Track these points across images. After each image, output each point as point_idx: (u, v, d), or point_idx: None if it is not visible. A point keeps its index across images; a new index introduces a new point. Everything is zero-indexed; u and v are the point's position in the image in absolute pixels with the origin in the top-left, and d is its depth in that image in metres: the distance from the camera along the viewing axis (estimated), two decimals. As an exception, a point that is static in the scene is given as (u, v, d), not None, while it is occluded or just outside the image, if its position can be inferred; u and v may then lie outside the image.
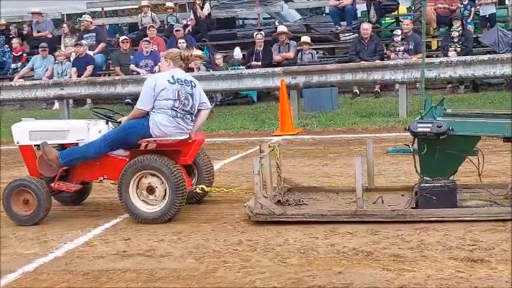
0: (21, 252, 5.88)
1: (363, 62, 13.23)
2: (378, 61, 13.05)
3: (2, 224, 6.76)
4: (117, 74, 15.07)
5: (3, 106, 16.65)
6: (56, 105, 15.35)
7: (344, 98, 14.14)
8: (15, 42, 17.51)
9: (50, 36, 17.74)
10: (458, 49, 13.70)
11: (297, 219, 6.02)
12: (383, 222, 5.84)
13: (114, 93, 13.36)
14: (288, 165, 8.65)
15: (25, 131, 6.98)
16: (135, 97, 14.34)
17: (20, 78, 15.88)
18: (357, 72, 12.03)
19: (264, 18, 18.24)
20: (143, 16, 17.31)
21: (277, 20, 17.47)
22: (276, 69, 12.52)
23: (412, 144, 6.10)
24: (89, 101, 15.66)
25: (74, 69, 15.36)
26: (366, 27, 14.37)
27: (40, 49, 16.27)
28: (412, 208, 5.99)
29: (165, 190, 6.38)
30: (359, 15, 17.15)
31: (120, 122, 6.80)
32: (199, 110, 6.73)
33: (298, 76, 12.07)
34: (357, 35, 15.10)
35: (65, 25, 17.44)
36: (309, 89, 12.67)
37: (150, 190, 6.46)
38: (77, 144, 6.89)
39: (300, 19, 18.21)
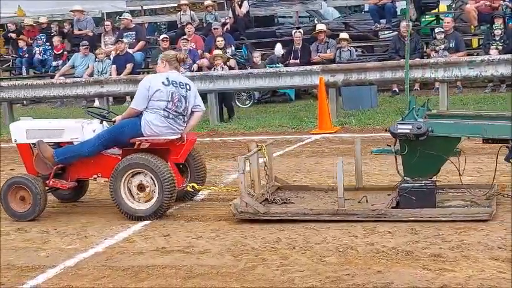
0: (63, 247, 5.97)
1: (402, 60, 13.09)
2: (417, 59, 12.91)
3: (44, 219, 6.85)
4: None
5: (44, 103, 16.93)
6: (96, 102, 15.51)
7: (383, 96, 14.03)
8: (56, 40, 17.73)
9: (90, 34, 17.93)
10: (500, 47, 13.48)
11: (280, 218, 6.14)
12: (365, 221, 5.93)
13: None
14: (326, 164, 8.64)
15: (22, 129, 7.17)
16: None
17: (60, 76, 16.08)
18: (396, 70, 11.91)
19: (302, 17, 18.17)
20: (182, 14, 17.40)
21: (316, 18, 17.40)
22: (315, 67, 12.47)
23: (394, 145, 6.17)
24: (128, 98, 15.78)
25: (114, 66, 15.51)
26: (406, 25, 14.22)
27: (81, 47, 16.46)
28: (392, 208, 6.08)
29: (155, 188, 6.52)
30: (398, 13, 17.00)
31: (114, 121, 6.96)
32: (192, 112, 6.90)
33: (337, 74, 12.01)
34: (396, 33, 14.96)
35: (107, 23, 17.60)
36: (347, 87, 12.60)
37: (141, 188, 6.60)
38: (72, 142, 7.06)
39: (339, 17, 18.12)
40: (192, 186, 7.01)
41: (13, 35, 19.00)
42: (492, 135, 5.98)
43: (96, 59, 15.98)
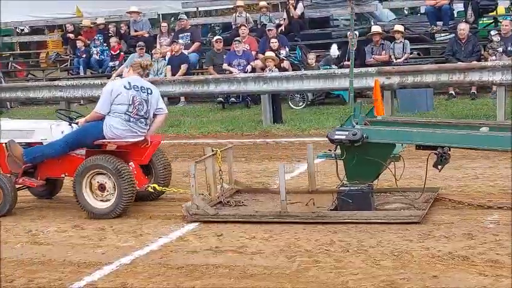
0: (118, 244, 6.06)
1: (459, 62, 12.89)
2: (475, 62, 12.68)
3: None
4: (210, 73, 15.27)
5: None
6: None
7: (439, 99, 13.82)
8: (113, 41, 17.98)
9: (146, 35, 18.14)
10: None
11: (228, 220, 6.44)
12: (305, 222, 6.16)
13: (207, 92, 13.51)
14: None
15: None
16: (227, 96, 14.59)
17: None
18: (453, 73, 11.70)
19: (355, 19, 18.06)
20: (238, 16, 17.47)
21: (372, 20, 17.27)
22: (370, 69, 12.36)
23: (335, 150, 6.42)
24: (182, 99, 15.94)
25: (169, 67, 15.66)
26: (463, 28, 14.00)
27: (137, 48, 16.66)
28: (331, 210, 6.35)
29: (114, 188, 6.81)
30: (455, 15, 16.74)
31: (77, 123, 7.31)
32: (155, 115, 7.19)
33: (393, 76, 11.87)
34: (453, 35, 14.72)
35: (164, 24, 17.79)
36: (403, 89, 12.45)
37: (102, 187, 6.91)
38: (41, 143, 7.39)
39: (395, 19, 17.93)
40: (153, 187, 7.24)
41: (71, 36, 19.34)
42: (423, 143, 6.20)
43: (153, 59, 16.16)
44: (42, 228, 6.69)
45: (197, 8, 19.99)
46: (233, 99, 14.95)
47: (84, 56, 18.20)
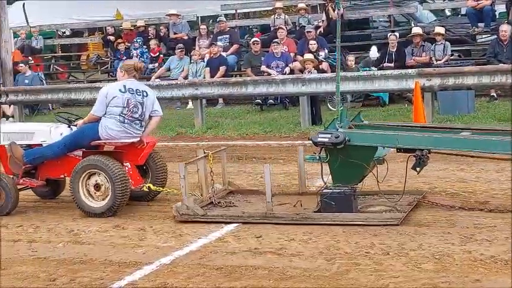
0: (158, 244, 6.10)
1: (501, 64, 12.69)
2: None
3: (140, 217, 7.02)
4: (248, 74, 15.30)
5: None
6: (190, 104, 15.80)
7: (480, 101, 13.64)
8: (153, 43, 18.15)
9: (185, 37, 18.26)
10: None
11: (216, 220, 6.59)
12: (290, 224, 6.30)
13: (245, 94, 13.55)
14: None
15: None
16: (265, 97, 14.60)
17: (156, 78, 16.45)
18: (495, 75, 11.54)
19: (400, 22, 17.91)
20: (276, 18, 17.48)
21: (412, 22, 17.11)
22: (410, 70, 12.25)
23: (319, 153, 6.56)
24: (220, 100, 16.00)
25: (208, 69, 15.74)
26: (505, 29, 13.78)
27: (177, 50, 16.79)
28: (315, 212, 6.46)
29: (109, 187, 6.99)
30: (497, 16, 16.48)
31: (75, 125, 7.52)
32: (151, 117, 7.40)
33: (433, 78, 11.75)
34: (495, 36, 14.51)
35: (203, 26, 17.88)
36: (444, 91, 12.32)
37: (97, 187, 7.12)
38: (41, 145, 7.60)
39: (435, 20, 17.73)
40: (148, 187, 7.40)
41: (112, 38, 19.56)
42: (403, 145, 6.34)
43: (192, 61, 16.26)
44: (83, 227, 6.77)
45: (236, 10, 20.04)
46: (271, 101, 14.96)
47: (124, 58, 18.36)
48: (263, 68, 15.10)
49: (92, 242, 6.33)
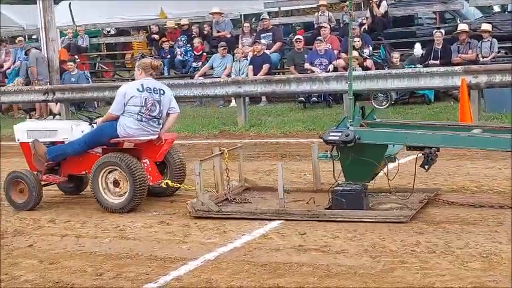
0: (203, 241, 6.13)
1: (550, 61, 12.45)
2: None
3: (184, 213, 7.06)
4: (292, 72, 15.27)
5: (184, 103, 17.45)
6: (233, 102, 15.84)
7: (528, 99, 13.37)
8: (197, 41, 18.23)
9: (228, 35, 18.32)
10: None
11: (230, 216, 6.69)
12: (301, 220, 6.40)
13: (288, 91, 13.52)
14: (469, 167, 8.37)
15: (23, 130, 8.13)
16: (308, 95, 14.56)
17: (200, 76, 16.53)
18: (543, 72, 11.32)
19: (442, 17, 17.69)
20: (320, 15, 17.42)
21: (458, 18, 16.88)
22: (456, 68, 12.08)
23: (331, 151, 6.65)
24: (263, 98, 16.01)
25: (251, 67, 15.75)
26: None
27: (219, 48, 16.85)
28: (326, 209, 6.55)
29: (127, 183, 7.15)
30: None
31: (96, 123, 7.73)
32: (168, 114, 7.56)
33: (480, 75, 11.56)
34: (544, 32, 14.24)
35: (246, 24, 17.93)
36: (490, 88, 12.11)
37: (116, 183, 7.29)
38: (63, 142, 7.81)
39: (481, 17, 17.46)
40: (166, 183, 7.50)
41: (156, 37, 19.72)
42: (412, 143, 6.39)
43: (235, 59, 16.30)
44: (129, 223, 6.84)
45: (279, 7, 20.03)
46: (314, 98, 14.91)
47: (168, 56, 18.53)
48: (306, 65, 15.06)
49: (137, 237, 6.39)
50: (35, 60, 17.13)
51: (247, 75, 15.34)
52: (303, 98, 14.96)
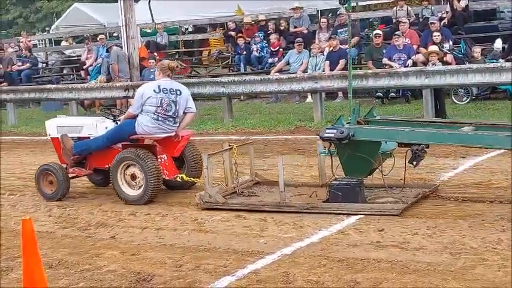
0: (279, 235, 6.16)
1: None
2: None
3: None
4: (369, 67, 15.12)
5: (259, 99, 17.55)
6: (309, 98, 15.82)
7: None
8: (273, 37, 18.27)
9: (305, 31, 18.29)
10: None
11: (234, 208, 7.05)
12: (300, 212, 6.70)
13: (366, 87, 13.38)
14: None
15: (54, 126, 8.66)
16: (386, 90, 14.39)
17: (276, 72, 16.57)
18: None
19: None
20: (398, 9, 17.18)
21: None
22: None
23: (329, 148, 6.88)
24: (340, 94, 15.92)
25: (327, 62, 15.68)
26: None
27: (296, 44, 16.83)
28: (323, 202, 6.84)
29: (143, 177, 7.57)
30: None
31: (119, 120, 8.19)
32: (185, 113, 7.96)
33: None
34: None
35: (323, 20, 17.86)
36: None
37: (133, 177, 7.71)
38: (89, 137, 8.33)
39: None
40: (181, 177, 7.89)
41: (233, 34, 19.87)
42: (403, 140, 6.61)
43: (311, 55, 16.26)
44: (207, 217, 6.94)
45: (356, 2, 19.85)
46: (393, 94, 14.73)
47: (244, 53, 18.64)
48: (385, 60, 14.88)
49: (215, 230, 6.48)
50: (116, 57, 17.54)
51: (323, 71, 15.27)
52: (380, 94, 14.80)
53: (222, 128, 13.55)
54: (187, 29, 24.67)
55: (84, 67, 20.51)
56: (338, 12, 17.82)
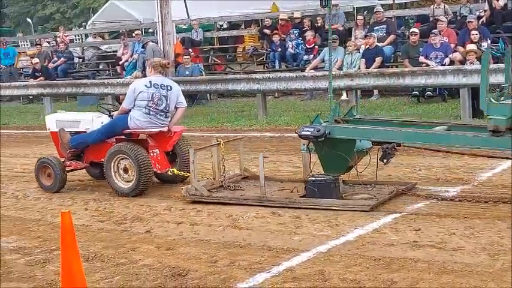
0: (314, 233, 6.13)
1: None
2: None
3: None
4: (406, 65, 14.97)
5: (294, 96, 17.50)
6: (344, 95, 15.74)
7: None
8: (309, 34, 18.19)
9: (341, 28, 18.19)
10: None
11: (218, 201, 7.30)
12: (279, 206, 6.95)
13: (402, 85, 13.26)
14: None
15: (53, 120, 9.00)
16: (422, 89, 14.24)
17: (311, 69, 16.49)
18: None
19: None
20: (435, 8, 16.98)
21: None
22: None
23: (308, 145, 7.23)
24: (375, 92, 15.80)
25: (363, 60, 15.57)
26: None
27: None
28: (301, 197, 7.11)
29: (134, 171, 7.86)
30: None
31: (112, 116, 8.46)
32: (176, 108, 8.26)
33: None
34: None
35: (360, 17, 17.73)
36: None
37: (125, 170, 8.02)
38: (85, 132, 8.60)
39: None
40: (172, 171, 8.16)
41: (268, 31, 19.84)
42: (376, 139, 6.86)
43: (347, 52, 16.16)
44: (241, 213, 6.93)
45: (393, 0, 19.68)
46: (429, 92, 14.57)
47: (279, 49, 18.60)
48: (421, 58, 14.71)
49: (250, 227, 6.47)
50: (151, 52, 17.65)
51: (359, 68, 15.17)
52: (417, 92, 14.65)
53: (256, 124, 13.54)
54: (222, 25, 24.69)
55: (120, 63, 20.66)
56: (375, 10, 17.67)
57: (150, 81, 8.15)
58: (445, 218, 6.26)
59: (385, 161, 6.85)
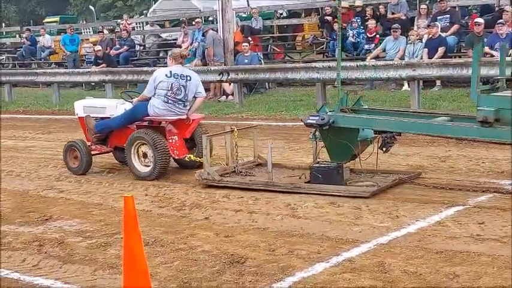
0: (375, 224, 6.05)
1: None
2: None
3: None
4: (469, 56, 14.63)
5: (353, 85, 17.31)
6: (405, 86, 15.50)
7: None
8: (371, 23, 17.96)
9: (403, 17, 17.90)
10: None
11: (229, 185, 7.60)
12: (285, 192, 7.19)
13: (466, 76, 12.91)
14: None
15: (81, 106, 9.47)
16: (486, 80, 13.87)
17: (372, 58, 16.29)
18: None
19: None
20: (503, -3, 16.56)
21: None
22: None
23: (314, 133, 7.47)
24: (438, 82, 15.51)
25: (426, 50, 15.28)
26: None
27: (391, 30, 16.49)
28: (305, 183, 7.34)
29: (152, 156, 8.24)
30: None
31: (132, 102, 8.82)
32: (195, 98, 8.61)
33: None
34: None
35: (423, 6, 17.39)
36: None
37: (145, 155, 8.43)
38: (109, 118, 8.98)
39: None
40: (189, 157, 8.48)
41: (329, 18, 19.66)
42: (378, 128, 7.15)
43: (409, 42, 15.90)
44: (300, 202, 6.89)
45: (457, -11, 19.23)
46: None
47: (340, 38, 18.39)
48: (486, 49, 14.35)
49: (309, 217, 6.42)
50: (211, 41, 17.71)
51: (421, 58, 14.90)
52: (480, 83, 14.29)
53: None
54: (281, 14, 24.59)
55: (180, 50, 20.77)
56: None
57: (171, 71, 8.48)
58: (509, 211, 6.10)
59: (384, 149, 7.13)
